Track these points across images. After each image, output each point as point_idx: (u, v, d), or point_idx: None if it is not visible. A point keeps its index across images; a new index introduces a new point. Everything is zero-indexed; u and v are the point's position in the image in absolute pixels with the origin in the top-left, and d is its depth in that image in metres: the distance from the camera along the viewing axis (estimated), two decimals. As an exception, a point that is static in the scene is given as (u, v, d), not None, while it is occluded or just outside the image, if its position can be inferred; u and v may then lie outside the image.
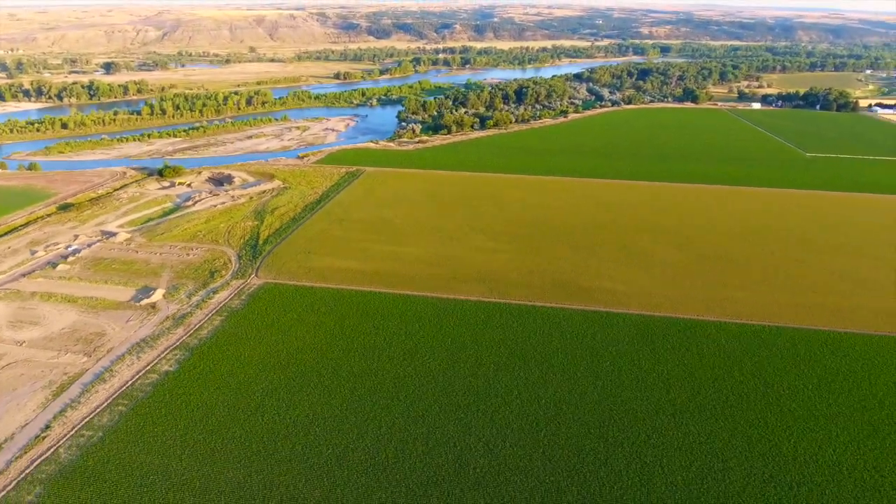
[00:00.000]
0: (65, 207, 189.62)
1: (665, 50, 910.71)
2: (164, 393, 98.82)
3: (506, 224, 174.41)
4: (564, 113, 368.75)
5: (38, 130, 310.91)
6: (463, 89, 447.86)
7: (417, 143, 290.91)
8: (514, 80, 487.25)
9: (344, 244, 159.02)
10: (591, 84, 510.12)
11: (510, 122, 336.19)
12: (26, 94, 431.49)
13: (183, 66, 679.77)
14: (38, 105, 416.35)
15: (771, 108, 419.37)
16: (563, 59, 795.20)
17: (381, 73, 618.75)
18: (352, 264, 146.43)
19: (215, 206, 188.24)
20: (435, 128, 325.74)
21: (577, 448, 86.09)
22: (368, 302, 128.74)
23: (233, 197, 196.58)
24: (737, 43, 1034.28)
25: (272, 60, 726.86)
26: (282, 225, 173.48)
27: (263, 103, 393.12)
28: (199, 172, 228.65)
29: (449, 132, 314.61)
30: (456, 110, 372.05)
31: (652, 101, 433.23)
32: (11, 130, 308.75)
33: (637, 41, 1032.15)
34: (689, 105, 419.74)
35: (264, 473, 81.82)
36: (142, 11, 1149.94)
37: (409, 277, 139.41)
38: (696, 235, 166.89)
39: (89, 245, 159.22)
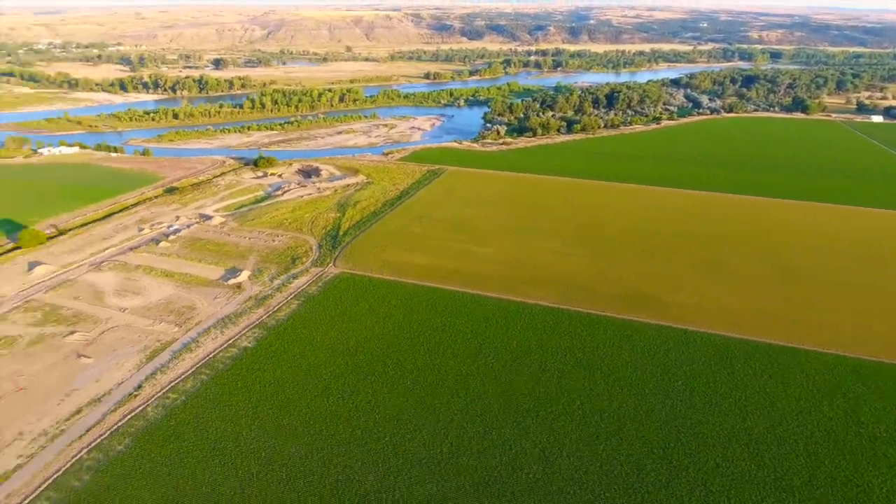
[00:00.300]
0: (170, 190, 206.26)
1: (776, 56, 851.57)
2: (242, 367, 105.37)
3: (583, 229, 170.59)
4: (657, 119, 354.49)
5: (152, 119, 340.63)
6: (551, 92, 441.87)
7: (501, 144, 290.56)
8: (606, 83, 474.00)
9: (420, 240, 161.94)
10: (689, 90, 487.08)
11: (598, 127, 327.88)
12: (145, 86, 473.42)
13: (284, 63, 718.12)
14: (155, 96, 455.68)
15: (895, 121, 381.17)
16: (661, 64, 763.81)
17: (471, 74, 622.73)
18: (426, 260, 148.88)
19: (302, 196, 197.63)
20: (520, 130, 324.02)
21: (638, 467, 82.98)
22: (439, 298, 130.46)
23: (319, 189, 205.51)
24: (860, 49, 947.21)
25: (367, 59, 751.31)
26: (362, 218, 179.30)
27: (355, 101, 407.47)
28: (290, 164, 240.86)
29: (534, 135, 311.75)
30: (543, 113, 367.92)
31: (756, 110, 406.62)
32: (130, 119, 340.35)
33: (744, 46, 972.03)
34: (798, 116, 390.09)
35: (324, 452, 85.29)
36: (250, 11, 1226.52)
37: (480, 277, 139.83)
38: (789, 253, 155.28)
39: (188, 226, 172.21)
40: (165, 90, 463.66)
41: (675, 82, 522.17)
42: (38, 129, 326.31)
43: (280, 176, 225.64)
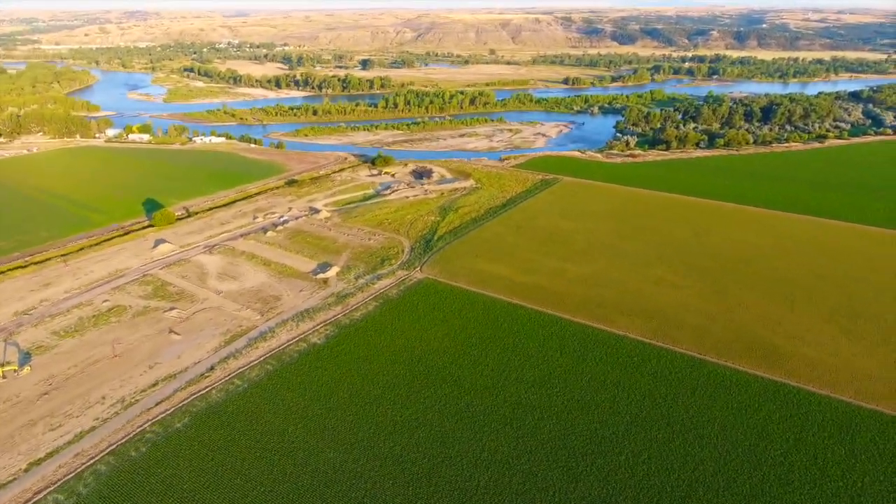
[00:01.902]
0: (290, 183, 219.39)
1: None
2: (306, 363, 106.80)
3: (697, 257, 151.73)
4: (821, 137, 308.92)
5: (294, 115, 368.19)
6: (698, 102, 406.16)
7: (627, 156, 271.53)
8: (766, 94, 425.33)
9: (513, 252, 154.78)
10: (870, 105, 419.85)
11: (745, 143, 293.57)
12: (296, 83, 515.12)
13: (426, 65, 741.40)
14: (303, 93, 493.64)
15: None
16: (842, 74, 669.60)
17: (613, 80, 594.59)
18: (513, 274, 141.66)
19: (407, 197, 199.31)
20: (653, 142, 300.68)
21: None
22: (518, 316, 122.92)
23: (425, 191, 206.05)
24: None
25: (508, 63, 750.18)
26: (461, 224, 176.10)
27: (485, 104, 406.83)
28: (406, 164, 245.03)
29: (667, 148, 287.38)
30: (683, 125, 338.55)
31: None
32: (276, 113, 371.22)
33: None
34: None
35: (359, 464, 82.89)
36: (406, 15, 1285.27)
37: (567, 298, 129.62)
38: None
39: (296, 218, 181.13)
40: (313, 88, 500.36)
41: (855, 95, 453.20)
42: (200, 119, 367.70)
43: (393, 175, 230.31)
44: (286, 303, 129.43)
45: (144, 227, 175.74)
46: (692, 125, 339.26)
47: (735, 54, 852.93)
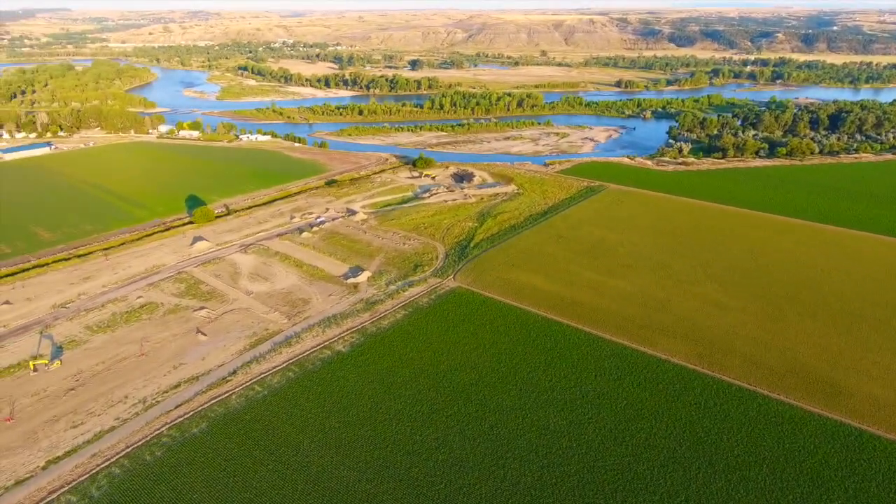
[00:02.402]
0: (330, 183, 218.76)
1: None
2: (328, 371, 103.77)
3: (751, 277, 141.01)
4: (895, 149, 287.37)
5: (340, 115, 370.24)
6: (760, 108, 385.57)
7: (680, 164, 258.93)
8: (835, 101, 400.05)
9: (551, 263, 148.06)
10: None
11: (809, 153, 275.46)
12: (345, 83, 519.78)
13: (476, 66, 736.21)
14: (352, 93, 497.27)
15: None
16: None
17: (669, 83, 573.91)
18: (550, 286, 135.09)
19: (446, 201, 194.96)
20: (708, 150, 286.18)
21: None
22: (552, 332, 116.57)
23: (465, 195, 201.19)
24: None
25: (560, 65, 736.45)
26: (499, 231, 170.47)
27: (533, 106, 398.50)
28: (447, 167, 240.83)
29: (723, 156, 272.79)
30: (743, 132, 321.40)
31: None
32: (322, 113, 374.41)
33: None
34: None
35: (372, 485, 79.00)
36: (458, 15, 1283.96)
37: (607, 315, 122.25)
38: None
39: (333, 219, 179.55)
40: (361, 87, 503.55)
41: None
42: (249, 117, 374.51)
43: (433, 178, 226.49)
44: (314, 307, 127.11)
45: (185, 224, 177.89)
46: (752, 132, 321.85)
47: (802, 58, 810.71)
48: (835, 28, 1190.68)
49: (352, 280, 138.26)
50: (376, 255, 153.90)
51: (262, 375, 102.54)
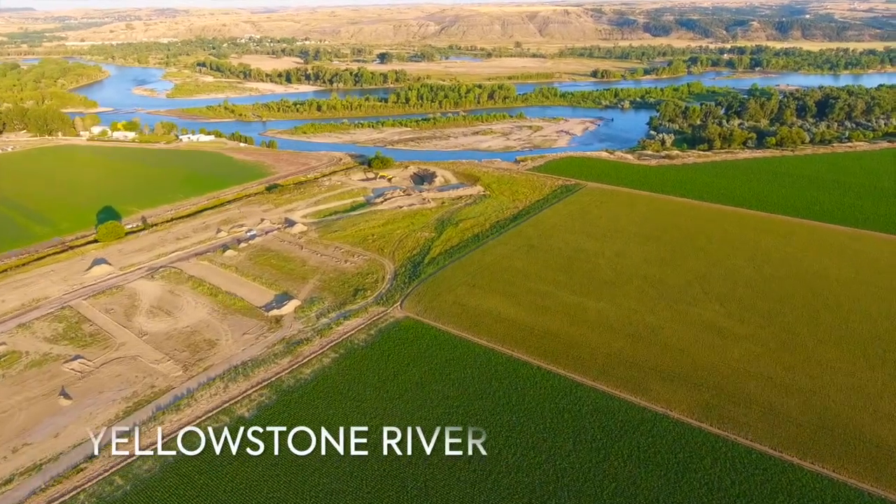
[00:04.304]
0: (272, 188, 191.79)
1: None
2: (211, 457, 76.33)
3: (755, 292, 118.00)
4: (891, 136, 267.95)
5: (297, 111, 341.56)
6: (742, 96, 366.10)
7: (664, 157, 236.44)
8: (819, 87, 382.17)
9: (520, 282, 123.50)
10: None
11: (801, 143, 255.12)
12: (307, 77, 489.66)
13: (447, 58, 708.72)
14: (314, 88, 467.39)
15: None
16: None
17: (646, 72, 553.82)
18: (518, 313, 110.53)
19: (401, 207, 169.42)
20: (692, 141, 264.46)
21: None
22: (519, 377, 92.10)
23: (423, 199, 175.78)
24: None
25: (534, 56, 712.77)
26: (461, 241, 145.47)
27: (505, 98, 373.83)
28: (406, 167, 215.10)
29: (709, 147, 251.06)
30: (727, 121, 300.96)
31: None
32: (278, 109, 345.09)
33: None
34: None
35: None
36: (431, 9, 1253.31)
37: (587, 351, 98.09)
38: None
39: (267, 232, 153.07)
40: (324, 82, 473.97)
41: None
42: (199, 115, 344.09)
43: (389, 180, 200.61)
44: (222, 351, 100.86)
45: (88, 243, 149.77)
46: (737, 121, 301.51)
47: (777, 45, 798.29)
48: (807, 16, 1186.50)
49: (275, 312, 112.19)
50: (311, 276, 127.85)
51: (130, 461, 76.23)
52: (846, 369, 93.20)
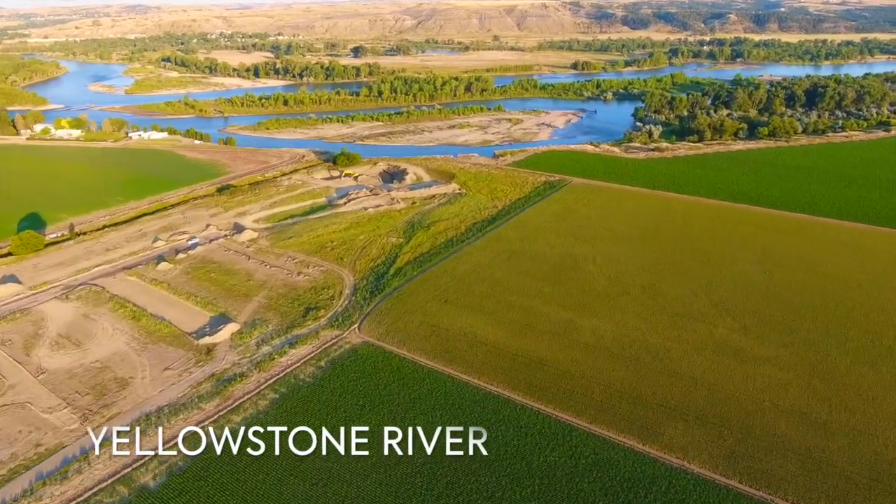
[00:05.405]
0: (223, 189, 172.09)
1: None
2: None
3: (770, 303, 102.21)
4: (885, 125, 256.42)
5: (262, 106, 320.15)
6: (728, 86, 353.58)
7: (652, 150, 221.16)
8: (806, 76, 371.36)
9: (500, 295, 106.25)
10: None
11: (794, 133, 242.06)
12: (276, 72, 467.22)
13: (423, 52, 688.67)
14: (283, 82, 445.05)
15: None
16: (878, 56, 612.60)
17: (628, 64, 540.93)
18: (498, 335, 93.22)
19: (367, 209, 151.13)
20: (681, 132, 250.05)
21: None
22: (500, 419, 75.01)
23: (392, 199, 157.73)
24: None
25: (512, 49, 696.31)
26: (432, 248, 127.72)
27: (482, 91, 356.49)
28: (375, 163, 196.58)
29: (700, 139, 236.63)
30: (714, 111, 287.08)
31: None
32: (242, 104, 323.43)
33: None
34: None
35: None
36: (407, 3, 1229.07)
37: (582, 383, 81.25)
38: None
39: (211, 240, 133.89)
40: (294, 76, 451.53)
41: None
42: (156, 111, 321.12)
43: (356, 178, 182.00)
44: (134, 393, 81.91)
45: (2, 257, 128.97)
46: (725, 111, 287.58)
47: (756, 37, 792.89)
48: (782, 9, 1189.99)
49: (206, 340, 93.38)
50: (255, 293, 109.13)
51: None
52: (891, 399, 77.57)
